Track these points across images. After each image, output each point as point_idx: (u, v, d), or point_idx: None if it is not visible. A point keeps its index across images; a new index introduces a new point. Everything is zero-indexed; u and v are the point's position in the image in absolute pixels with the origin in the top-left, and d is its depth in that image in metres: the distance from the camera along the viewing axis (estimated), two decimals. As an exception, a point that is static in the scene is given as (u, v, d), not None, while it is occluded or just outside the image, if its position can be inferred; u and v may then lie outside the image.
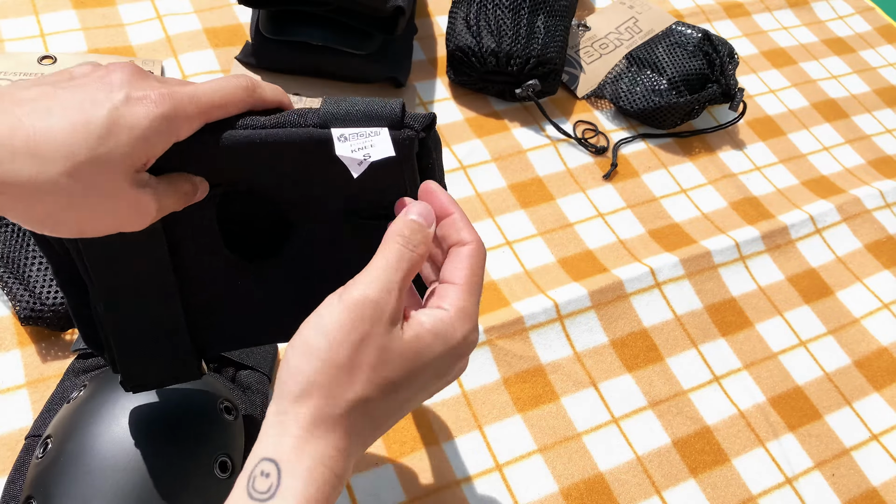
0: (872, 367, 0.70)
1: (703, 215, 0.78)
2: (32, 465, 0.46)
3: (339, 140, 0.36)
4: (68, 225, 0.33)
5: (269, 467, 0.31)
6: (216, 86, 0.35)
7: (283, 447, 0.31)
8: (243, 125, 0.37)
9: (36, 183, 0.30)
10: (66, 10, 0.80)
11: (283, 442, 0.31)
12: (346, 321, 0.32)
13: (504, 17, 0.79)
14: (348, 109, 0.37)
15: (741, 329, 0.70)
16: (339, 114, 0.37)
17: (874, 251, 0.79)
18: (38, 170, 0.30)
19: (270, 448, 0.31)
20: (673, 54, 0.85)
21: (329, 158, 0.37)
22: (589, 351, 0.65)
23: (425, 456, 0.57)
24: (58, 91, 0.31)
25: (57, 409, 0.52)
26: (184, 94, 0.33)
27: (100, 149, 0.31)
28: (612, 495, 0.58)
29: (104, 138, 0.31)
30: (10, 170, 0.29)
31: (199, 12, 0.84)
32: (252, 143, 0.36)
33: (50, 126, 0.30)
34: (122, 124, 0.31)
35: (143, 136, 0.32)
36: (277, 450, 0.31)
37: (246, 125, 0.37)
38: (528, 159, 0.79)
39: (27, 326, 0.58)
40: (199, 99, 0.34)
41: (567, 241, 0.73)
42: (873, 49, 1.04)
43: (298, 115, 0.37)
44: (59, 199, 0.31)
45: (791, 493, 0.61)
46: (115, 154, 0.31)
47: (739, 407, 0.65)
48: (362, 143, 0.37)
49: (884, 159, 0.90)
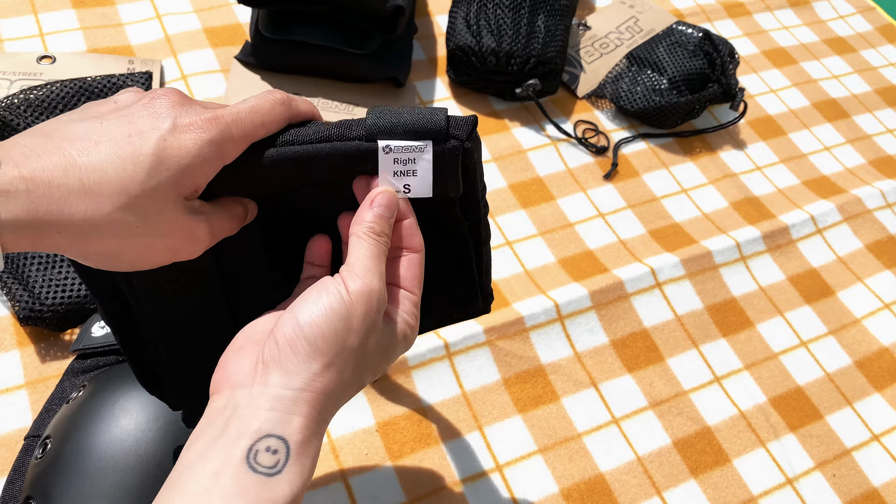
0: (873, 368, 0.70)
1: (704, 215, 0.78)
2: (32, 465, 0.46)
3: (384, 151, 0.37)
4: (124, 258, 0.33)
5: (277, 444, 0.31)
6: (256, 105, 0.35)
7: (293, 426, 0.31)
8: (287, 141, 0.37)
9: (91, 221, 0.30)
10: (66, 9, 0.80)
11: (293, 421, 0.32)
12: (360, 310, 0.34)
13: (504, 17, 0.79)
14: (394, 122, 0.37)
15: (742, 329, 0.70)
16: (384, 126, 0.37)
17: (875, 251, 0.79)
18: (93, 208, 0.30)
19: (278, 425, 0.31)
20: (674, 54, 0.85)
21: (373, 170, 0.37)
22: (589, 351, 0.65)
23: (425, 456, 0.57)
24: (105, 123, 0.32)
25: (56, 409, 0.52)
26: (227, 116, 0.34)
27: (150, 181, 0.31)
28: (612, 496, 0.58)
29: (154, 170, 0.31)
30: (65, 209, 0.30)
31: (199, 12, 0.83)
32: (298, 158, 0.36)
33: (101, 161, 0.31)
34: (170, 154, 0.32)
35: (192, 163, 0.32)
36: (286, 428, 0.31)
37: (290, 141, 0.37)
38: (528, 159, 0.79)
39: (26, 327, 0.58)
40: (243, 120, 0.34)
41: (567, 241, 0.73)
42: (874, 49, 1.04)
43: (342, 127, 0.37)
44: (114, 233, 0.31)
45: (792, 494, 0.60)
46: (165, 184, 0.32)
47: (740, 407, 0.65)
48: (406, 156, 0.37)
49: (885, 159, 0.90)
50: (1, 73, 0.71)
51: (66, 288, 0.57)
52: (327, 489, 0.54)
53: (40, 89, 0.66)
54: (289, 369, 0.32)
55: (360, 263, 0.35)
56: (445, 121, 0.37)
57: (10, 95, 0.65)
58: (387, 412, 0.59)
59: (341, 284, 0.34)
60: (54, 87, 0.66)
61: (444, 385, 0.61)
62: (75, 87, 0.67)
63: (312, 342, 0.33)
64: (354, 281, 0.34)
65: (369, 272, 0.35)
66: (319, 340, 0.33)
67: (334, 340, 0.33)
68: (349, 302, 0.34)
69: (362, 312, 0.34)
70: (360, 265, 0.35)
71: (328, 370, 0.33)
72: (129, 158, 0.31)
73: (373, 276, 0.35)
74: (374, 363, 0.35)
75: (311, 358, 0.33)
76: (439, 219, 0.41)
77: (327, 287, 0.34)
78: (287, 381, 0.32)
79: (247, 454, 0.30)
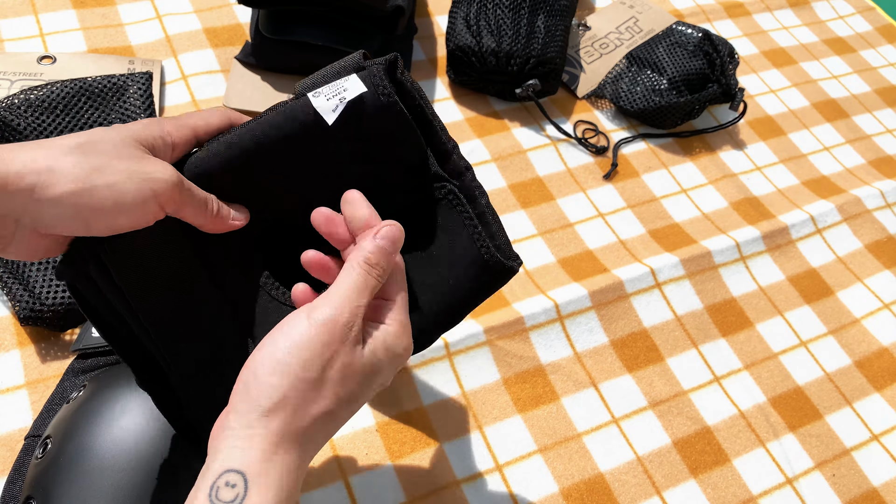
0: (873, 368, 0.70)
1: (704, 215, 0.78)
2: (32, 465, 0.46)
3: (315, 97, 0.38)
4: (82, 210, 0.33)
5: (235, 478, 0.32)
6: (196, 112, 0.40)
7: (250, 459, 0.32)
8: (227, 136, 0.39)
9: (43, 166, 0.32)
10: (66, 9, 0.80)
11: (249, 455, 0.32)
12: (318, 341, 0.34)
13: (504, 17, 0.79)
14: (316, 77, 0.40)
15: (741, 329, 0.70)
16: (309, 83, 0.39)
17: (875, 251, 0.79)
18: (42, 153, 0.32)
19: (237, 460, 0.32)
20: (673, 54, 0.85)
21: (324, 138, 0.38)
22: (589, 351, 0.65)
23: (425, 456, 0.57)
24: None
25: (56, 409, 0.52)
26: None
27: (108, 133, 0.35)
28: (612, 496, 0.58)
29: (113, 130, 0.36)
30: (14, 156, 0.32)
31: (199, 12, 0.83)
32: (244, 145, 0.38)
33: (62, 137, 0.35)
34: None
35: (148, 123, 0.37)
36: (244, 461, 0.32)
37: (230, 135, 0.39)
38: (528, 159, 0.79)
39: (27, 327, 0.58)
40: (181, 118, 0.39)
41: (567, 241, 0.73)
42: (874, 49, 1.04)
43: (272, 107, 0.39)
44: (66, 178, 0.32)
45: (791, 494, 0.60)
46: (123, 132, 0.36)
47: (740, 407, 0.65)
48: (335, 90, 0.38)
49: (884, 159, 0.90)
50: (1, 74, 0.71)
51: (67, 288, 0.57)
52: (327, 489, 0.54)
53: (41, 89, 0.66)
54: (241, 410, 0.33)
55: (339, 293, 0.35)
56: (361, 55, 0.39)
57: (11, 96, 0.65)
58: (387, 412, 0.59)
59: (306, 314, 0.35)
60: (55, 88, 0.66)
61: (444, 385, 0.61)
62: (76, 87, 0.67)
63: (263, 381, 0.33)
64: (322, 311, 0.35)
65: (344, 302, 0.35)
66: (273, 377, 0.33)
67: (286, 374, 0.33)
68: (308, 334, 0.34)
69: (322, 343, 0.34)
70: (337, 294, 0.35)
71: (281, 407, 0.33)
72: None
73: (346, 305, 0.35)
74: (349, 390, 0.35)
75: (260, 397, 0.33)
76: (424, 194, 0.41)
77: (294, 318, 0.35)
78: (241, 421, 0.33)
79: (209, 491, 0.31)
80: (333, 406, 0.35)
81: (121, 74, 0.70)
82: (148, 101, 0.70)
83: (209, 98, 0.76)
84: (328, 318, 0.34)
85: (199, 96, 0.76)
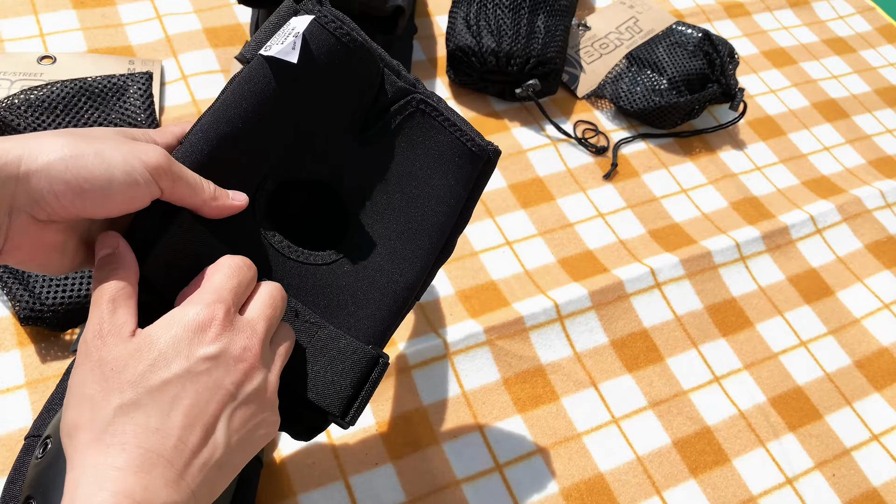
0: (873, 368, 0.70)
1: (704, 215, 0.78)
2: (32, 465, 0.46)
3: (267, 50, 0.39)
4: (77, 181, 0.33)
5: None
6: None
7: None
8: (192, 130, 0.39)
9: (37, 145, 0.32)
10: (66, 9, 0.80)
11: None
12: (77, 363, 0.34)
13: (504, 17, 0.79)
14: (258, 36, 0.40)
15: (741, 329, 0.70)
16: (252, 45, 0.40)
17: (875, 251, 0.79)
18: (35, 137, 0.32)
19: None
20: (673, 54, 0.85)
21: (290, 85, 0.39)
22: (589, 351, 0.65)
23: (425, 456, 0.57)
24: None
25: (57, 409, 0.52)
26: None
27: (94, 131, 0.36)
28: (612, 495, 0.58)
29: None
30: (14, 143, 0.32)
31: (199, 12, 0.83)
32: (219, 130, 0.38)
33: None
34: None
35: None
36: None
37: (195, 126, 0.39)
38: (528, 159, 0.79)
39: (27, 326, 0.58)
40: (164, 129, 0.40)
41: (567, 241, 0.73)
42: (874, 49, 1.04)
43: (230, 80, 0.40)
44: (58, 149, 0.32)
45: (791, 494, 0.60)
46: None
47: (740, 407, 0.65)
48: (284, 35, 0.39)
49: (884, 159, 0.90)
50: (1, 74, 0.71)
51: (67, 288, 0.57)
52: (327, 489, 0.54)
53: (41, 89, 0.66)
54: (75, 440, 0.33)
55: (89, 320, 0.34)
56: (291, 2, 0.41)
57: (11, 96, 0.65)
58: (387, 412, 0.59)
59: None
60: (55, 88, 0.66)
61: (444, 385, 0.61)
62: (76, 87, 0.67)
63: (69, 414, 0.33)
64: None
65: (88, 326, 0.34)
66: (72, 410, 0.33)
67: (77, 402, 0.33)
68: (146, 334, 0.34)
69: (78, 363, 0.33)
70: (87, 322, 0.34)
71: (76, 428, 0.32)
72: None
73: (89, 329, 0.34)
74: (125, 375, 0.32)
75: (75, 426, 0.33)
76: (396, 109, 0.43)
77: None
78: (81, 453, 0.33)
79: None
80: (133, 398, 0.32)
81: (121, 74, 0.71)
82: (148, 102, 0.70)
83: (209, 98, 0.76)
84: (80, 341, 0.35)
85: (199, 96, 0.76)
